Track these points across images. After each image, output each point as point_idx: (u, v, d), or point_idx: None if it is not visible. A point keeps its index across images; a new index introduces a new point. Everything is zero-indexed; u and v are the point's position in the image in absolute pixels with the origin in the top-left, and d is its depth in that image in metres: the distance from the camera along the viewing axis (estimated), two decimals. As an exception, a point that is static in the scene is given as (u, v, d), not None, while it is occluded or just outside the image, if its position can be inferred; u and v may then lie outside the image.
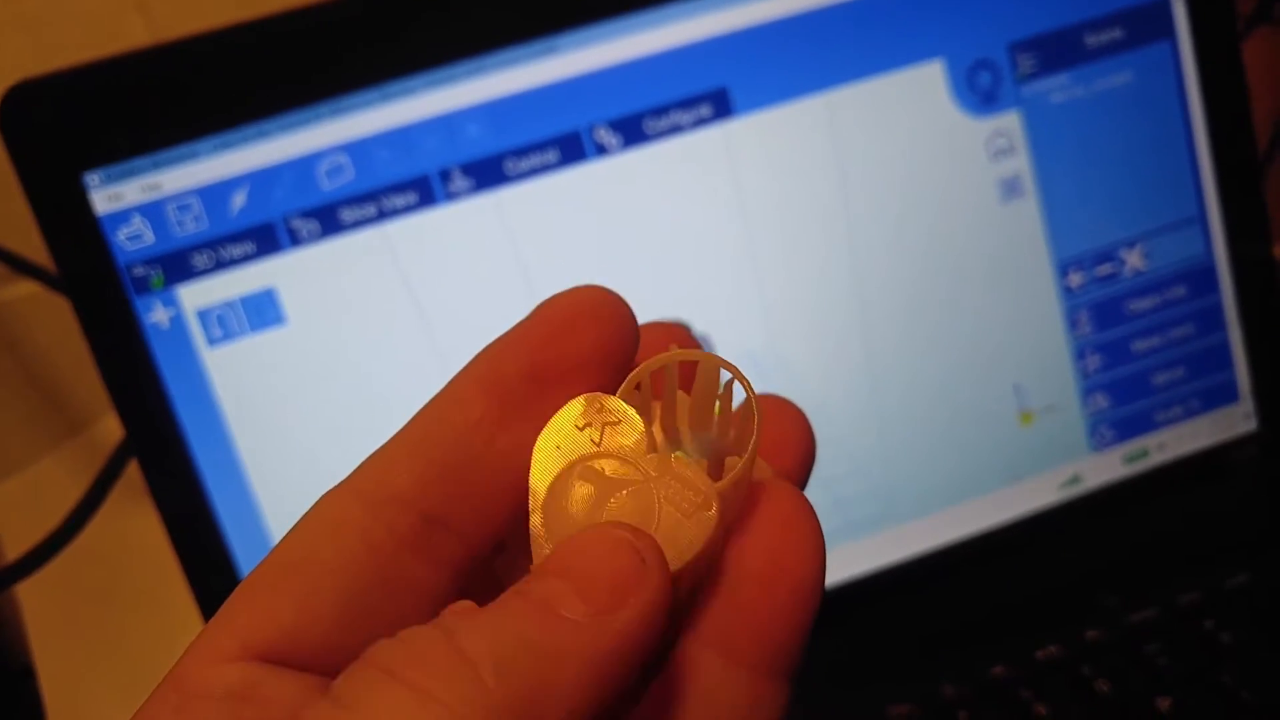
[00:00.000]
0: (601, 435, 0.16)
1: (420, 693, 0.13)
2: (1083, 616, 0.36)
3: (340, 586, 0.15)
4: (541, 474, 0.16)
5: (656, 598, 0.14)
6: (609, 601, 0.14)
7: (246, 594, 0.15)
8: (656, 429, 0.17)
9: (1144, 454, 0.41)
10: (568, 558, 0.14)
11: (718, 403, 0.17)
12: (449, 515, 0.16)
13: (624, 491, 0.15)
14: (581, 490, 0.15)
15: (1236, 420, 0.42)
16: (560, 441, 0.16)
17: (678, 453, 0.16)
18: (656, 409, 0.17)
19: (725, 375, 0.16)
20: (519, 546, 0.16)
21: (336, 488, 0.16)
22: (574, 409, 0.16)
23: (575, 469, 0.15)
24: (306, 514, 0.16)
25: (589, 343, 0.16)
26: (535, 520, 0.15)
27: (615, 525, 0.15)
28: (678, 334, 0.19)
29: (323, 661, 0.15)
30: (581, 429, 0.16)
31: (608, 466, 0.15)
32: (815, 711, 0.34)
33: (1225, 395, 0.41)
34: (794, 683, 0.15)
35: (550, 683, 0.13)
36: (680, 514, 0.15)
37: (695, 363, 0.16)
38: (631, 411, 0.16)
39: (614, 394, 0.16)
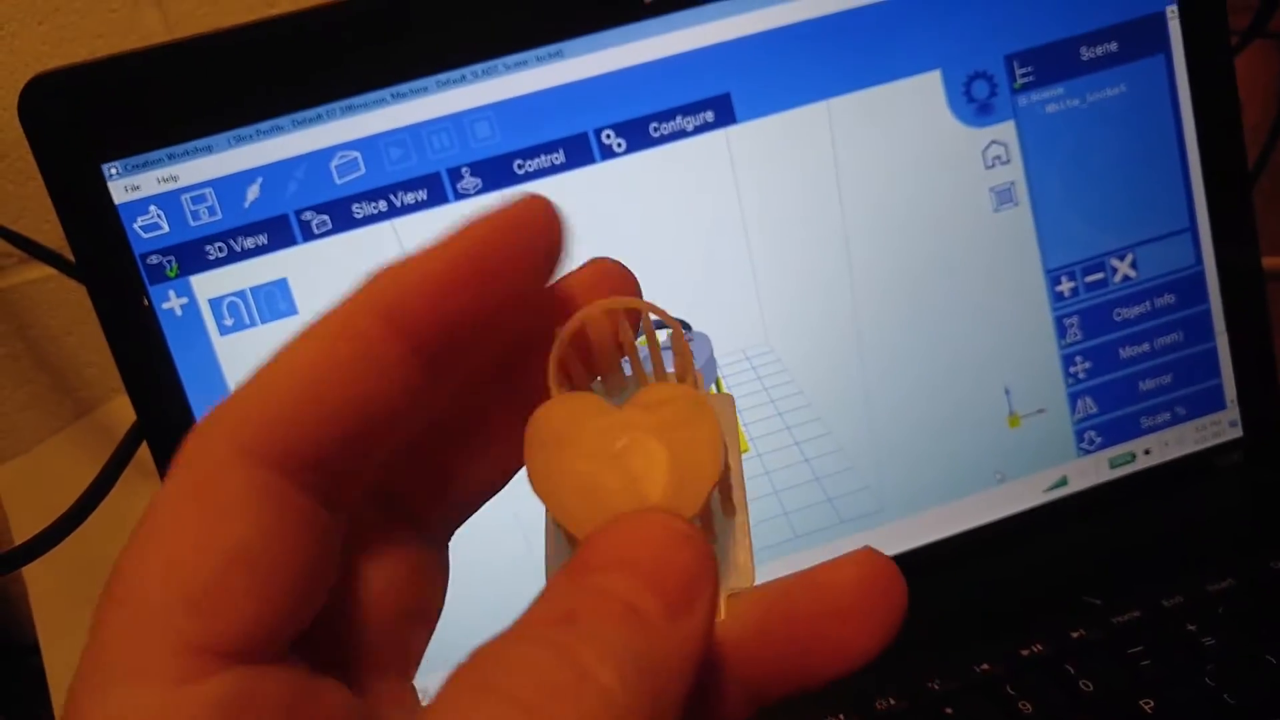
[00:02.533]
0: (569, 427, 0.16)
1: (536, 712, 0.12)
2: (1068, 617, 0.37)
3: (289, 565, 0.14)
4: (552, 489, 0.16)
5: (716, 589, 0.14)
6: (684, 600, 0.14)
7: (180, 593, 0.13)
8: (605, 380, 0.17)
9: (1130, 458, 0.42)
10: (631, 550, 0.14)
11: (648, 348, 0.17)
12: (353, 465, 0.15)
13: (621, 444, 0.15)
14: (584, 467, 0.15)
15: (1222, 427, 0.43)
16: (547, 459, 0.16)
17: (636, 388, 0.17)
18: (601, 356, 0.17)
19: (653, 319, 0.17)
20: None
21: (218, 441, 0.14)
22: (555, 409, 0.16)
23: (566, 451, 0.16)
24: (197, 481, 0.14)
25: (515, 291, 0.15)
26: (577, 526, 0.15)
27: (669, 516, 0.14)
28: (607, 271, 0.18)
29: (283, 643, 0.14)
30: (553, 436, 0.16)
31: (596, 444, 0.16)
32: (801, 705, 0.35)
33: (1211, 402, 0.42)
34: None
35: (662, 687, 0.13)
36: (684, 428, 0.15)
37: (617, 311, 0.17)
38: (580, 397, 0.16)
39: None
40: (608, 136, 0.36)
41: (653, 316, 0.17)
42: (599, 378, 0.17)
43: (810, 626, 0.15)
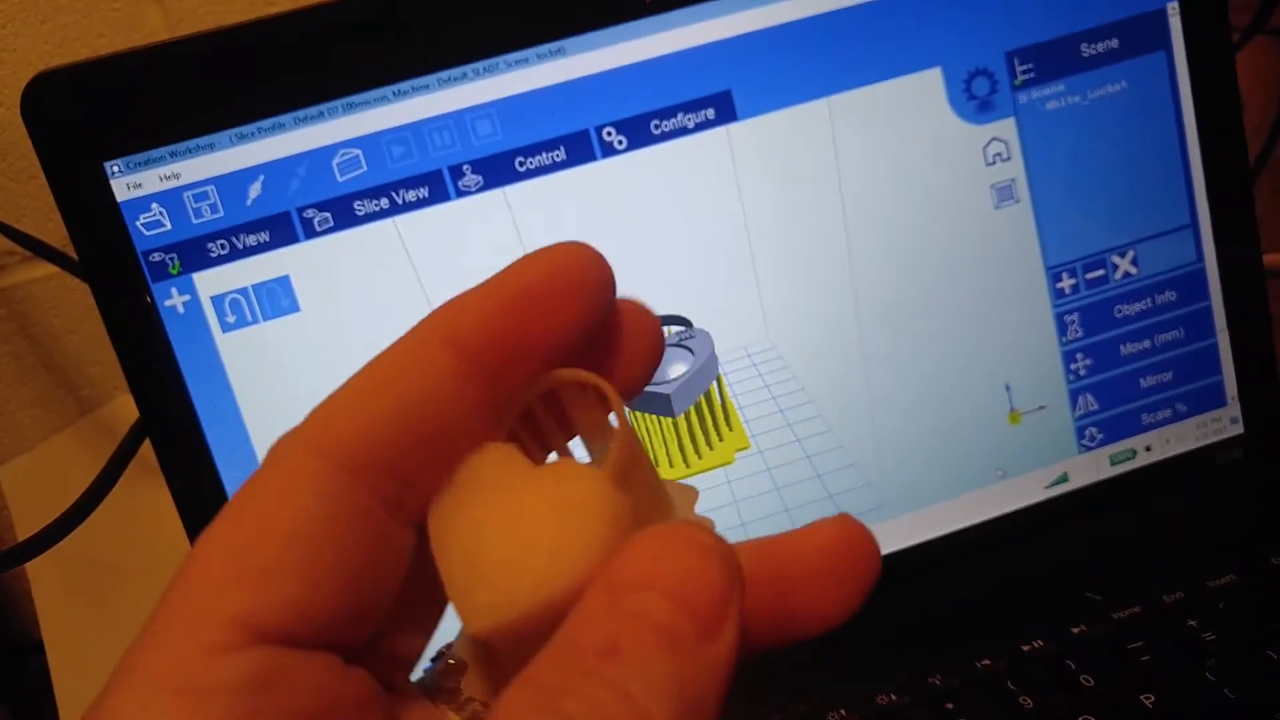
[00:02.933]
0: (482, 475, 0.16)
1: None
2: (1069, 613, 0.37)
3: (340, 555, 0.15)
4: (440, 529, 0.16)
5: (743, 605, 0.14)
6: (715, 619, 0.14)
7: (236, 567, 0.14)
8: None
9: (1131, 455, 0.42)
10: (661, 568, 0.14)
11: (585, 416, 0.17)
12: (418, 476, 0.16)
13: (516, 515, 0.15)
14: (479, 525, 0.15)
15: (1223, 424, 0.43)
16: (449, 500, 0.16)
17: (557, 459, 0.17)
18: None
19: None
20: None
21: (297, 445, 0.15)
22: (458, 470, 0.16)
23: (468, 512, 0.16)
24: (266, 473, 0.15)
25: (563, 322, 0.16)
26: (444, 567, 0.15)
27: (697, 529, 0.15)
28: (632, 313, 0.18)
29: (327, 636, 0.15)
30: (464, 481, 0.16)
31: (495, 500, 0.16)
32: (804, 701, 0.35)
33: (1212, 399, 0.42)
34: None
35: (703, 710, 0.14)
36: (576, 509, 0.15)
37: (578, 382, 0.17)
38: (506, 449, 0.16)
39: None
40: (609, 134, 0.36)
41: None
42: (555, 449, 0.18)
43: (786, 587, 0.16)
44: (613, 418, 0.17)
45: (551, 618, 0.14)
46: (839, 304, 0.39)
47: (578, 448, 0.18)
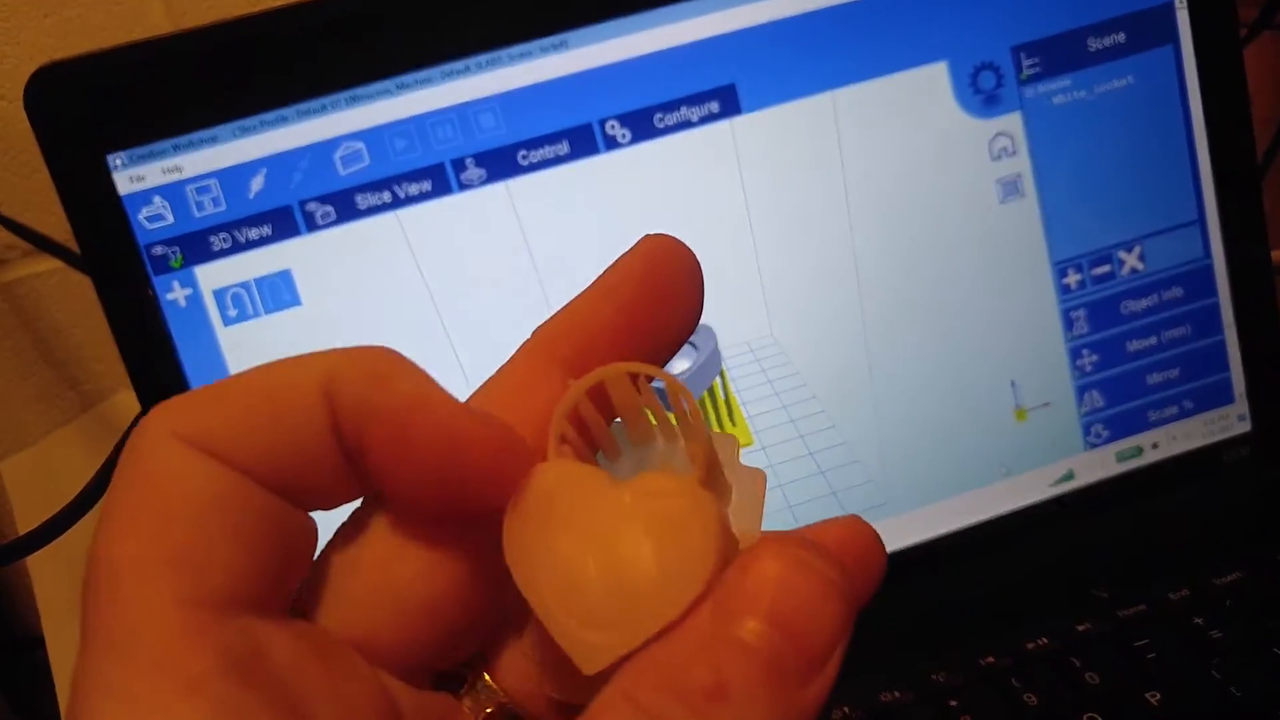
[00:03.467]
0: (560, 498, 0.15)
1: None
2: (1073, 610, 0.37)
3: (249, 523, 0.15)
4: (525, 560, 0.15)
5: (848, 644, 0.14)
6: (823, 659, 0.14)
7: (162, 554, 0.14)
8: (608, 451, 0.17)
9: (1137, 452, 0.42)
10: (778, 597, 0.14)
11: (654, 413, 0.17)
12: (282, 490, 0.15)
13: (610, 530, 0.15)
14: (565, 545, 0.15)
15: (1230, 422, 0.42)
16: (529, 527, 0.15)
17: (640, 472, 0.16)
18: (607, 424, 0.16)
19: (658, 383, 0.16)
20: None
21: (161, 433, 0.14)
22: (538, 483, 0.15)
23: (550, 524, 0.15)
24: (151, 463, 0.14)
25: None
26: (540, 603, 0.15)
27: (815, 556, 0.14)
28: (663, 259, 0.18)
29: (281, 599, 0.15)
30: (542, 503, 0.15)
31: (582, 523, 0.15)
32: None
33: (1220, 397, 0.42)
34: None
35: None
36: (677, 531, 0.15)
37: (632, 376, 0.16)
38: (577, 467, 0.16)
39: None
40: (612, 127, 0.36)
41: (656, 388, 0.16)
42: (602, 448, 0.17)
43: None
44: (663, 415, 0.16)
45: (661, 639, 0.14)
46: (843, 299, 0.38)
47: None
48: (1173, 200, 0.40)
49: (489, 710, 0.17)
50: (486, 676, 0.17)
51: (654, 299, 0.16)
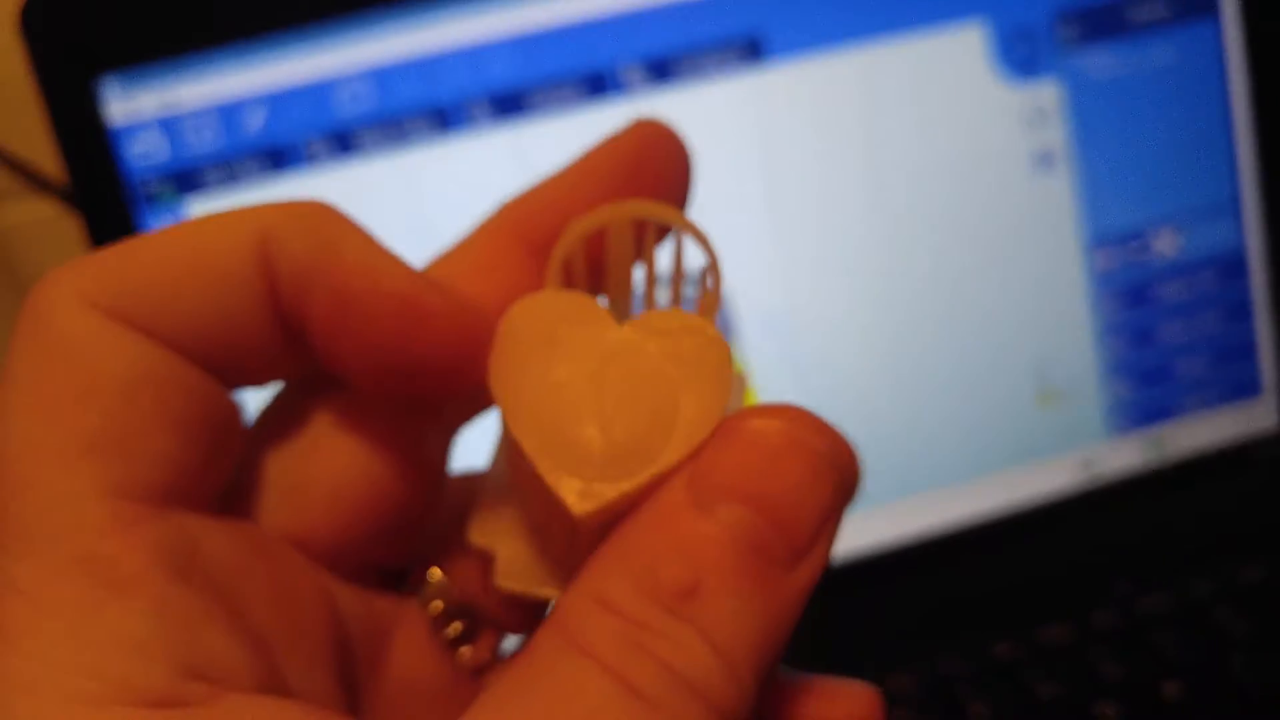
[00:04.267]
0: (560, 328, 0.14)
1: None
2: (1092, 601, 0.35)
3: (175, 405, 0.13)
4: (515, 389, 0.14)
5: (840, 523, 0.13)
6: (811, 540, 0.12)
7: (82, 438, 0.12)
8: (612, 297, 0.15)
9: (1162, 443, 0.40)
10: (759, 478, 0.12)
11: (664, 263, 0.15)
12: (203, 356, 0.14)
13: (612, 362, 0.13)
14: (560, 375, 0.13)
15: (1258, 415, 0.41)
16: (522, 353, 0.14)
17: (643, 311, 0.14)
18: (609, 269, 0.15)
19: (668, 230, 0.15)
20: None
21: (67, 296, 0.13)
22: (523, 316, 0.14)
23: (544, 352, 0.14)
24: (58, 334, 0.13)
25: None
26: (531, 445, 0.13)
27: (809, 429, 0.13)
28: (654, 142, 0.16)
29: (212, 491, 0.13)
30: (536, 335, 0.14)
31: (583, 355, 0.14)
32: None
33: (1248, 389, 0.40)
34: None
35: (780, 642, 0.12)
36: (690, 368, 0.13)
37: (633, 221, 0.15)
38: (581, 299, 0.14)
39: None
40: (627, 73, 0.34)
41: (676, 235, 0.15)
42: (602, 293, 0.16)
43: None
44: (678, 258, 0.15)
45: (657, 488, 0.13)
46: (862, 269, 0.37)
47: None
48: (1209, 182, 0.39)
49: (439, 604, 0.16)
50: (438, 571, 0.16)
51: (640, 187, 0.15)
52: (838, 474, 0.13)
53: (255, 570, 0.13)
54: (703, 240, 0.14)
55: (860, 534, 0.38)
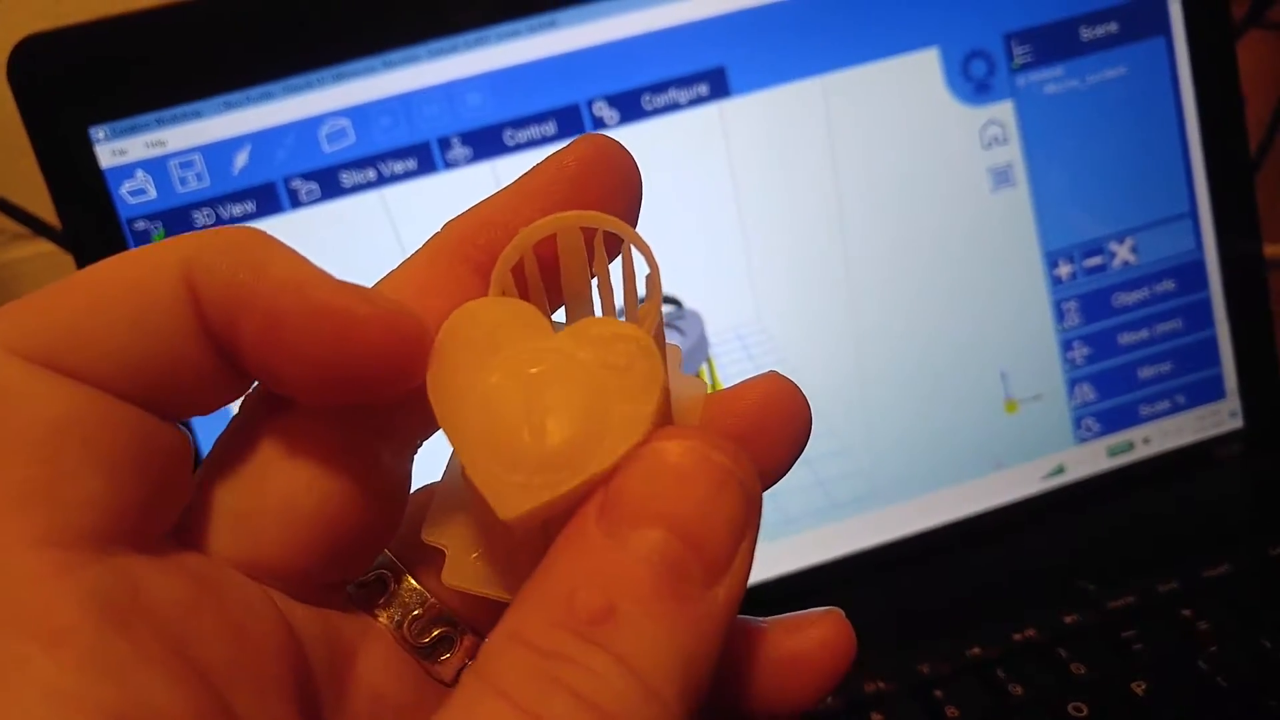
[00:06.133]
0: (498, 334, 0.14)
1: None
2: (1061, 602, 0.36)
3: (103, 446, 0.13)
4: (450, 393, 0.14)
5: (756, 536, 0.13)
6: (726, 559, 0.13)
7: (21, 490, 0.12)
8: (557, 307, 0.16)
9: (1129, 447, 0.41)
10: (669, 500, 0.13)
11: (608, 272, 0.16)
12: (132, 394, 0.14)
13: (541, 370, 0.14)
14: (506, 403, 0.13)
15: (1222, 417, 0.42)
16: (459, 356, 0.14)
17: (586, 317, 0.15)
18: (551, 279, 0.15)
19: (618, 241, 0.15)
20: None
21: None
22: (464, 321, 0.14)
23: (484, 379, 0.14)
24: None
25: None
26: (464, 450, 0.14)
27: (711, 448, 0.13)
28: (587, 151, 0.16)
29: (152, 532, 0.13)
30: (474, 340, 0.14)
31: (517, 361, 0.14)
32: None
33: (1212, 392, 0.42)
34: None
35: (707, 662, 0.12)
36: (620, 376, 0.13)
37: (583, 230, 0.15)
38: (521, 306, 0.14)
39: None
40: (600, 108, 0.36)
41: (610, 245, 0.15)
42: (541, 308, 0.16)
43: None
44: (628, 266, 0.15)
45: (589, 494, 0.13)
46: (831, 286, 0.38)
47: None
48: (1165, 193, 0.40)
49: (415, 613, 0.16)
50: (410, 580, 0.16)
51: (586, 200, 0.15)
52: (744, 488, 0.13)
53: (202, 606, 0.13)
54: (644, 248, 0.15)
55: (835, 543, 0.39)
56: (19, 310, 0.13)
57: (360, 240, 0.35)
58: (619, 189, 0.15)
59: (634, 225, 0.16)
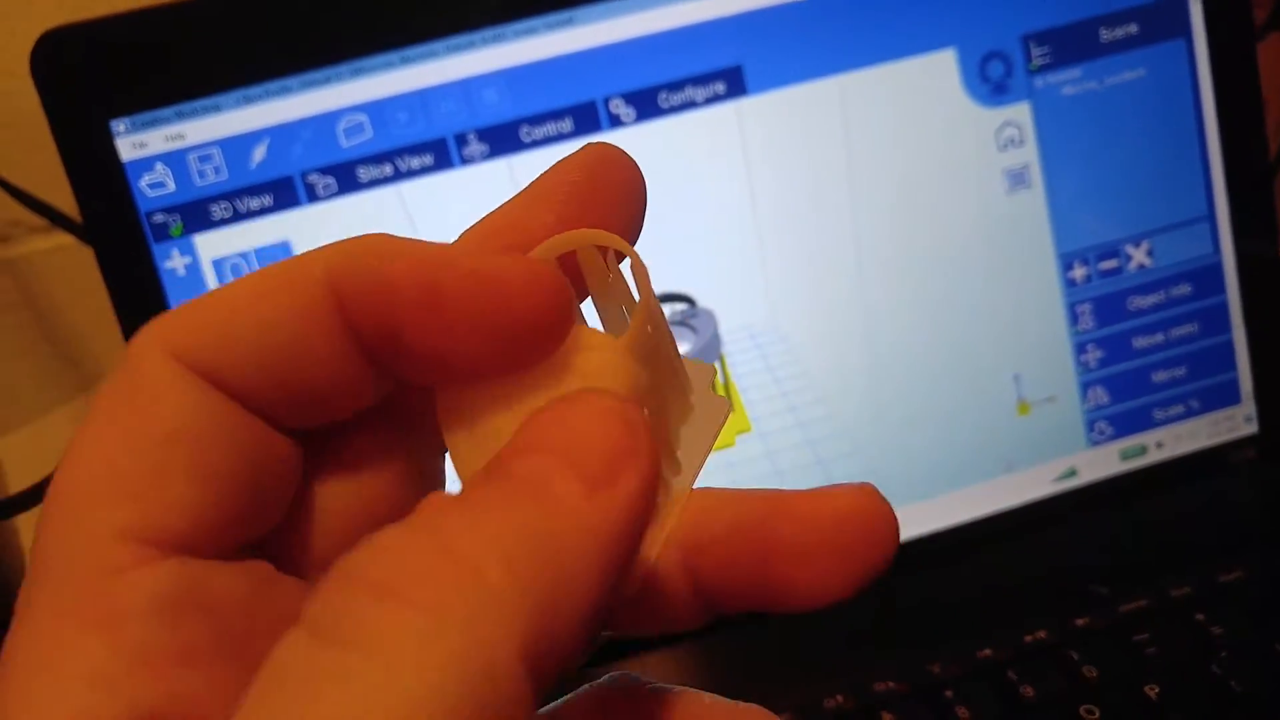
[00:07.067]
0: None
1: (428, 614, 0.11)
2: (1072, 605, 0.36)
3: (226, 457, 0.14)
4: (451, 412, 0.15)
5: (651, 465, 0.13)
6: (606, 474, 0.12)
7: (112, 479, 0.13)
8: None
9: (1141, 451, 0.41)
10: (549, 431, 0.13)
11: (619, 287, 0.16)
12: (273, 408, 0.14)
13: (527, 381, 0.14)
14: (493, 392, 0.14)
15: (1237, 422, 0.42)
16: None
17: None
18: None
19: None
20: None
21: (152, 346, 0.14)
22: None
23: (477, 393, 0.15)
24: (131, 381, 0.13)
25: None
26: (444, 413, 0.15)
27: (595, 392, 0.13)
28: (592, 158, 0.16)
29: (231, 541, 0.14)
30: None
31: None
32: (801, 686, 0.34)
33: (1226, 396, 0.42)
34: None
35: (564, 573, 0.12)
36: (589, 377, 0.14)
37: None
38: None
39: None
40: (616, 106, 0.36)
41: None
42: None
43: (781, 549, 0.15)
44: (632, 284, 0.16)
45: None
46: (845, 286, 0.38)
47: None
48: (1183, 196, 0.40)
49: None
50: None
51: (592, 207, 0.15)
52: (623, 417, 0.13)
53: (260, 608, 0.14)
54: (639, 269, 0.15)
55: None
56: (181, 313, 0.14)
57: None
58: (626, 194, 0.15)
59: (638, 231, 0.16)
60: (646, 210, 0.16)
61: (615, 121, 0.36)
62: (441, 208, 0.35)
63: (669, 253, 0.37)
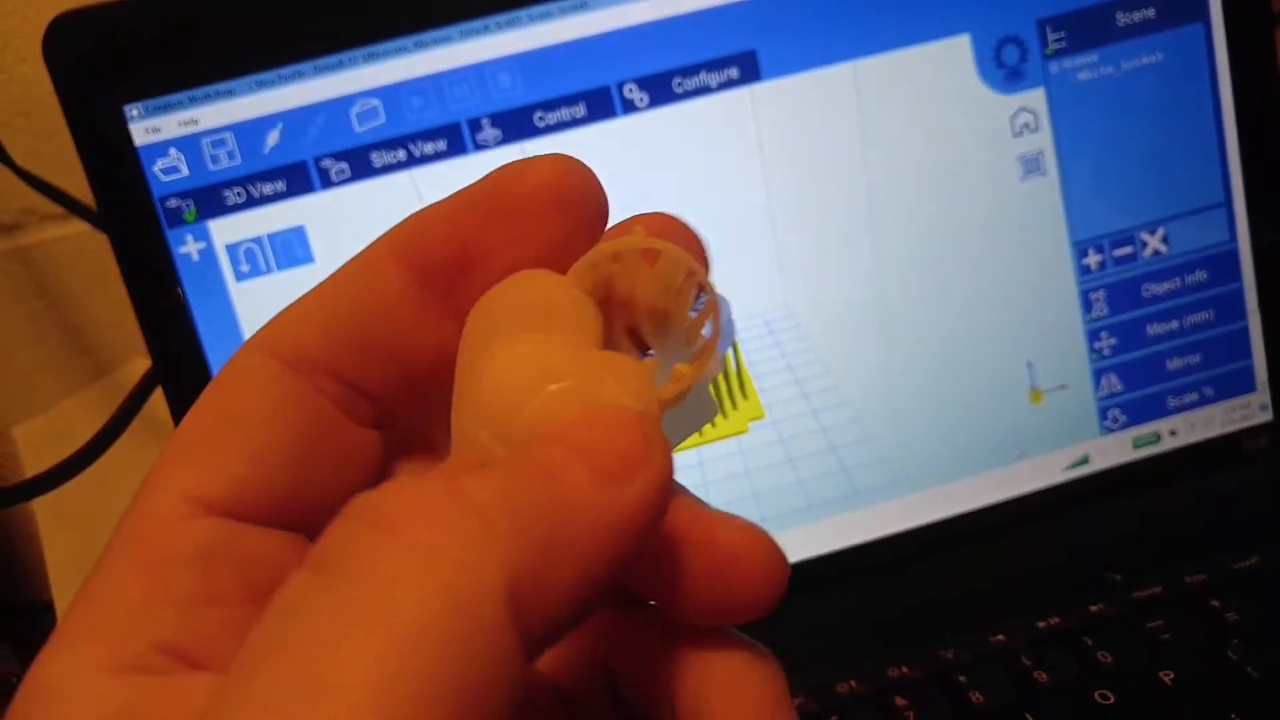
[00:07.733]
0: (547, 318, 0.15)
1: (425, 548, 0.11)
2: (1086, 592, 0.36)
3: (285, 439, 0.15)
4: (472, 345, 0.15)
5: (662, 476, 0.13)
6: (617, 473, 0.13)
7: (187, 450, 0.15)
8: (610, 322, 0.16)
9: (1155, 439, 0.41)
10: (570, 429, 0.14)
11: (682, 305, 0.16)
12: (364, 384, 0.16)
13: (556, 386, 0.14)
14: (516, 373, 0.14)
15: (1251, 410, 0.42)
16: (498, 316, 0.15)
17: (624, 353, 0.15)
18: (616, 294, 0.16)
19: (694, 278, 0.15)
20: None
21: (255, 346, 0.16)
22: (520, 285, 0.15)
23: (511, 347, 0.14)
24: (224, 371, 0.16)
25: (536, 235, 0.15)
26: (465, 394, 0.15)
27: (624, 408, 0.14)
28: (660, 224, 0.17)
29: (274, 514, 0.15)
30: (524, 309, 0.15)
31: (547, 353, 0.14)
32: (819, 672, 0.34)
33: (1241, 384, 0.41)
34: None
35: (565, 542, 0.12)
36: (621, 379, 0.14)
37: (659, 253, 0.15)
38: (581, 298, 0.15)
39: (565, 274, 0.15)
40: (630, 91, 0.36)
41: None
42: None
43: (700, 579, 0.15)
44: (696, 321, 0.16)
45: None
46: (859, 273, 0.38)
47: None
48: (1199, 182, 0.40)
49: None
50: None
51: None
52: (641, 429, 0.14)
53: (291, 562, 0.14)
54: (705, 284, 0.15)
55: (857, 531, 0.39)
56: (286, 311, 0.16)
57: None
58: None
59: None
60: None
61: (629, 107, 0.36)
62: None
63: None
